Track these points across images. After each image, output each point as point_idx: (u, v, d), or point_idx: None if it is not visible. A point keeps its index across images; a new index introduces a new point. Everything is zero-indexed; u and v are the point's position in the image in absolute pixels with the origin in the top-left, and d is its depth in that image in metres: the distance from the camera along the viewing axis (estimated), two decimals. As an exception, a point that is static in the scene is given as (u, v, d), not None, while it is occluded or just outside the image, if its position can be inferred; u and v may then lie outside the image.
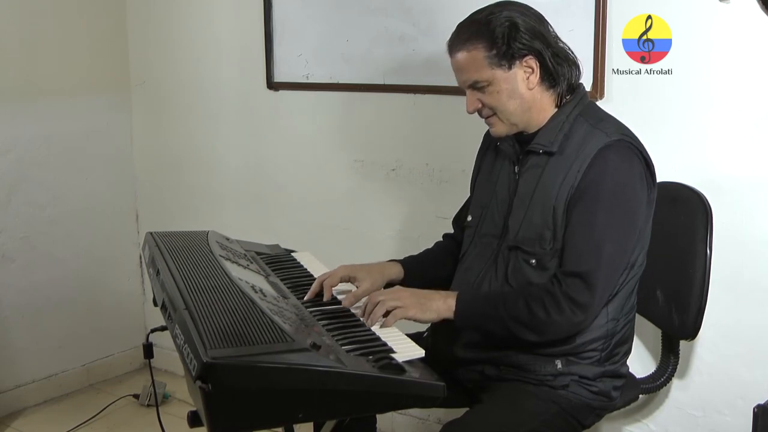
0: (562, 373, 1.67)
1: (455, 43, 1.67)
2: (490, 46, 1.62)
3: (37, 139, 2.97)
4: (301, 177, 2.85)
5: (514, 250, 1.69)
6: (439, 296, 1.67)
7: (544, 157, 1.67)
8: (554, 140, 1.66)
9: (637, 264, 1.70)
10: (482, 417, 1.63)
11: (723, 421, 2.10)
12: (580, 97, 1.70)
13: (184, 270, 1.67)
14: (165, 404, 2.97)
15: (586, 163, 1.59)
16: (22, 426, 2.89)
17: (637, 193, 1.62)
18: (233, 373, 1.23)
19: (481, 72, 1.64)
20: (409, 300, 1.64)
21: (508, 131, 1.71)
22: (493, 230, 1.76)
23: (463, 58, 1.65)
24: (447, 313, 1.64)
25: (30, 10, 2.89)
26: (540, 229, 1.64)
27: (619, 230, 1.60)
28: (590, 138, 1.62)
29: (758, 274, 2.00)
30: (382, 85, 2.56)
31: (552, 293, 1.59)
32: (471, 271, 1.77)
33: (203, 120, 3.07)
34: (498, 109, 1.67)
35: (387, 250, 2.62)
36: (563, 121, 1.67)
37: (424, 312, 1.64)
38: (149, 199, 3.32)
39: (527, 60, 1.63)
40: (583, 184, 1.59)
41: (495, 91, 1.65)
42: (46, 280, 3.04)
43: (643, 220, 1.66)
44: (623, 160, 1.60)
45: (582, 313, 1.58)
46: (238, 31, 2.90)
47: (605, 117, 1.70)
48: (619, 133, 1.63)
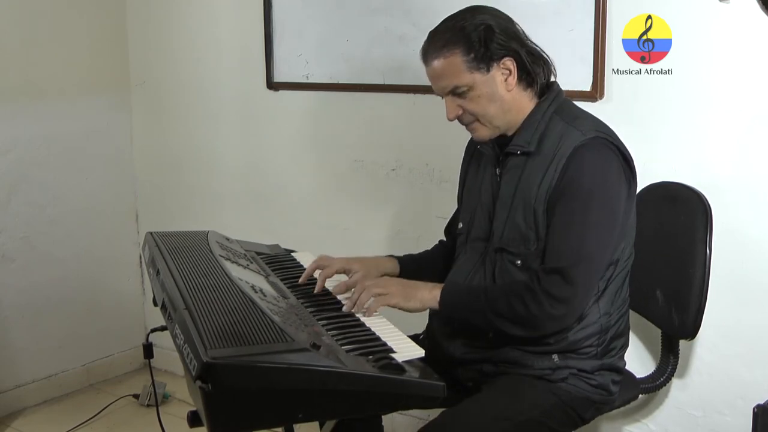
0: (560, 366, 1.68)
1: (430, 51, 1.66)
2: (467, 50, 1.62)
3: (37, 139, 2.97)
4: (301, 177, 2.85)
5: (500, 251, 1.70)
6: (425, 286, 1.69)
7: (523, 158, 1.68)
8: (531, 140, 1.66)
9: (623, 258, 1.71)
10: (481, 404, 1.64)
11: (723, 421, 2.10)
12: (555, 95, 1.71)
13: (184, 270, 1.67)
14: (165, 404, 2.97)
15: (562, 163, 1.60)
16: (22, 426, 2.89)
17: (614, 188, 1.62)
18: (233, 373, 1.23)
19: (460, 77, 1.64)
20: (394, 288, 1.67)
21: (491, 135, 1.71)
22: (480, 234, 1.77)
23: (440, 65, 1.65)
24: (431, 302, 1.67)
25: (30, 10, 2.89)
26: (523, 230, 1.65)
27: (598, 226, 1.60)
28: (566, 136, 1.63)
29: (758, 274, 2.00)
30: (382, 85, 2.56)
31: (531, 289, 1.59)
32: (460, 273, 1.78)
33: (203, 120, 3.07)
34: (479, 114, 1.68)
35: (387, 250, 2.61)
36: (539, 120, 1.67)
37: (408, 300, 1.66)
38: (149, 199, 3.32)
39: (504, 62, 1.64)
40: (562, 184, 1.60)
41: (475, 95, 1.65)
42: (46, 280, 3.04)
43: (624, 214, 1.66)
44: (599, 157, 1.61)
45: (563, 307, 1.58)
46: (238, 31, 2.90)
47: (580, 114, 1.70)
48: (594, 130, 1.63)
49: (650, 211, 1.92)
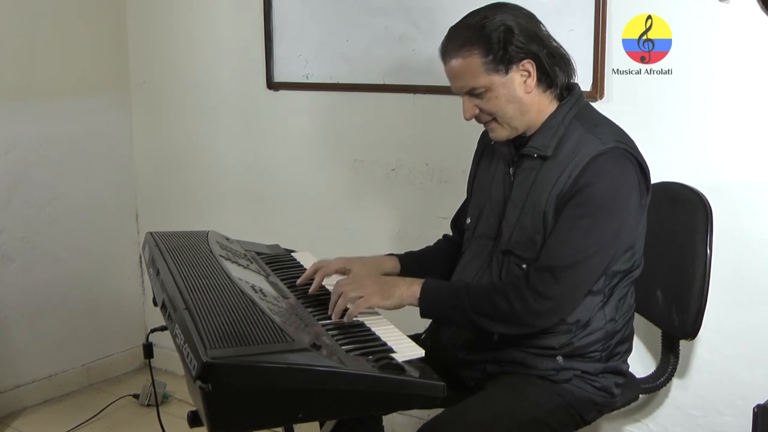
0: (564, 367, 1.67)
1: (449, 50, 1.64)
2: (486, 51, 1.59)
3: (37, 139, 2.96)
4: (301, 177, 2.85)
5: (507, 254, 1.69)
6: (403, 283, 1.67)
7: (539, 161, 1.66)
8: (549, 144, 1.64)
9: (633, 267, 1.70)
10: (485, 402, 1.63)
11: (723, 421, 2.10)
12: (576, 99, 1.68)
13: (184, 270, 1.67)
14: (165, 404, 2.97)
15: (577, 170, 1.58)
16: (22, 426, 2.89)
17: (625, 199, 1.60)
18: (233, 373, 1.23)
19: (477, 79, 1.62)
20: (371, 288, 1.64)
21: (509, 135, 1.69)
22: (488, 232, 1.76)
23: (458, 64, 1.62)
24: (410, 299, 1.64)
25: (30, 10, 2.89)
26: (531, 234, 1.64)
27: (602, 235, 1.58)
28: (584, 143, 1.61)
29: (758, 274, 2.00)
30: (381, 85, 2.56)
31: (516, 286, 1.59)
32: (468, 272, 1.77)
33: (203, 120, 3.07)
34: (497, 115, 1.65)
35: (387, 250, 2.60)
36: (558, 124, 1.65)
37: (386, 299, 1.63)
38: (149, 199, 3.32)
39: (524, 64, 1.61)
40: (573, 189, 1.58)
41: (493, 96, 1.63)
42: (46, 280, 3.04)
43: (632, 225, 1.65)
44: (615, 167, 1.58)
45: (548, 303, 1.57)
46: (238, 31, 2.90)
47: (601, 121, 1.68)
48: (614, 140, 1.61)
49: (650, 212, 1.91)
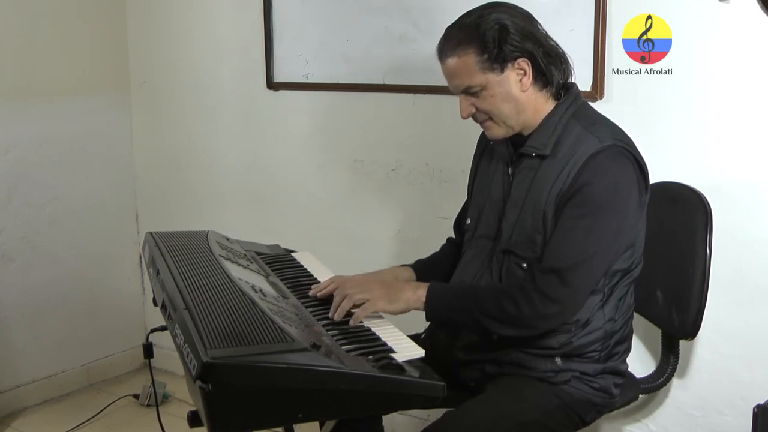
0: (563, 369, 1.67)
1: (445, 49, 1.65)
2: (481, 50, 1.60)
3: (37, 139, 2.96)
4: (301, 177, 2.85)
5: (507, 253, 1.69)
6: (409, 287, 1.67)
7: (537, 160, 1.66)
8: (547, 143, 1.64)
9: (632, 266, 1.70)
10: (484, 405, 1.64)
11: (723, 421, 2.10)
12: (574, 98, 1.69)
13: (184, 270, 1.67)
14: (165, 404, 2.97)
15: (576, 168, 1.58)
16: (22, 426, 2.89)
17: (625, 198, 1.60)
18: (233, 373, 1.23)
19: (473, 77, 1.62)
20: (378, 292, 1.64)
21: (505, 134, 1.69)
22: (487, 232, 1.76)
23: (454, 63, 1.63)
24: (416, 303, 1.64)
25: (30, 10, 2.89)
26: (531, 233, 1.64)
27: (603, 234, 1.59)
28: (582, 142, 1.61)
29: (758, 274, 2.00)
30: (381, 85, 2.56)
31: (523, 288, 1.59)
32: (468, 272, 1.77)
33: (203, 120, 3.07)
34: (493, 113, 1.66)
35: (387, 250, 2.62)
36: (556, 122, 1.65)
37: (392, 303, 1.63)
38: (149, 199, 3.32)
39: (519, 62, 1.62)
40: (573, 188, 1.58)
41: (489, 95, 1.64)
42: (46, 280, 3.04)
43: (632, 223, 1.65)
44: (614, 165, 1.59)
45: (556, 306, 1.58)
46: (238, 31, 2.90)
47: (599, 120, 1.68)
48: (612, 138, 1.61)
49: (650, 212, 1.91)
